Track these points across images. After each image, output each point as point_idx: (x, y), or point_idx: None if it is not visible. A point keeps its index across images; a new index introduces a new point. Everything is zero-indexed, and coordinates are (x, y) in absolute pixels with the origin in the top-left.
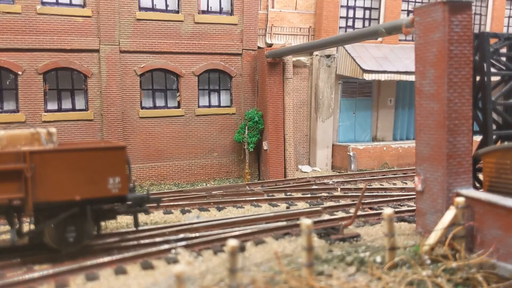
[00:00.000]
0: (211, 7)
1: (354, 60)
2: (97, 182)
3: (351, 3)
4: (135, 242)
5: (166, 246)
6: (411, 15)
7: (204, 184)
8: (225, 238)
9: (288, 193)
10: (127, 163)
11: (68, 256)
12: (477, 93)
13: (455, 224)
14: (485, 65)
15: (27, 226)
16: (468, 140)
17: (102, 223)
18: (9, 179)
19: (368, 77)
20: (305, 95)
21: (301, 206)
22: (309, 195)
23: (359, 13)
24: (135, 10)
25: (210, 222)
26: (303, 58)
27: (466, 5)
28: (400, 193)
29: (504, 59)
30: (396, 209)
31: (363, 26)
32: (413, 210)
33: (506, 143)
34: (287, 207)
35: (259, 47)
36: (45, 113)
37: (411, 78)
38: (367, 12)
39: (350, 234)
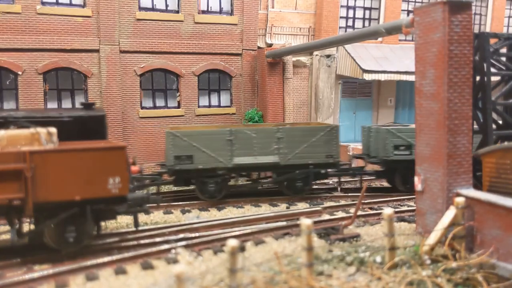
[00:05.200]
0: (211, 7)
1: (354, 60)
2: (97, 182)
3: (351, 3)
4: (135, 242)
5: (166, 246)
6: (411, 15)
7: None
8: (225, 238)
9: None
10: (127, 163)
11: (68, 256)
12: (477, 93)
13: (455, 224)
14: (485, 65)
15: (27, 226)
16: (468, 140)
17: (102, 223)
18: (9, 179)
19: (368, 77)
20: (305, 95)
21: (301, 206)
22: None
23: (359, 13)
24: (135, 10)
25: (210, 222)
26: (303, 58)
27: (466, 5)
28: (400, 193)
29: (504, 59)
30: (396, 209)
31: (363, 26)
32: (413, 210)
33: (506, 143)
34: (287, 207)
35: (259, 47)
36: None
37: (411, 78)
38: (367, 12)
39: (350, 234)
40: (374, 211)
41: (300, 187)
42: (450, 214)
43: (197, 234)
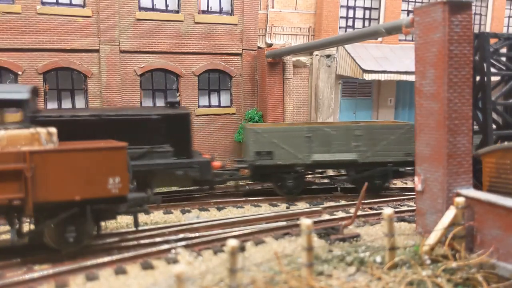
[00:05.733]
0: (211, 7)
1: (354, 60)
2: (97, 182)
3: (351, 3)
4: (135, 242)
5: (166, 246)
6: (411, 15)
7: None
8: (225, 238)
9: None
10: (128, 163)
11: (68, 256)
12: (477, 93)
13: (455, 224)
14: (485, 65)
15: (27, 226)
16: (468, 140)
17: (102, 223)
18: (9, 179)
19: (368, 77)
20: (305, 95)
21: (301, 206)
22: (309, 195)
23: (359, 13)
24: (135, 10)
25: (210, 222)
26: (303, 58)
27: (466, 5)
28: (400, 193)
29: (504, 59)
30: (396, 209)
31: (363, 26)
32: (413, 210)
33: (506, 143)
34: (287, 207)
35: (259, 47)
36: None
37: (411, 78)
38: (367, 12)
39: (350, 234)
40: (374, 211)
41: (378, 185)
42: (450, 214)
43: (197, 234)
